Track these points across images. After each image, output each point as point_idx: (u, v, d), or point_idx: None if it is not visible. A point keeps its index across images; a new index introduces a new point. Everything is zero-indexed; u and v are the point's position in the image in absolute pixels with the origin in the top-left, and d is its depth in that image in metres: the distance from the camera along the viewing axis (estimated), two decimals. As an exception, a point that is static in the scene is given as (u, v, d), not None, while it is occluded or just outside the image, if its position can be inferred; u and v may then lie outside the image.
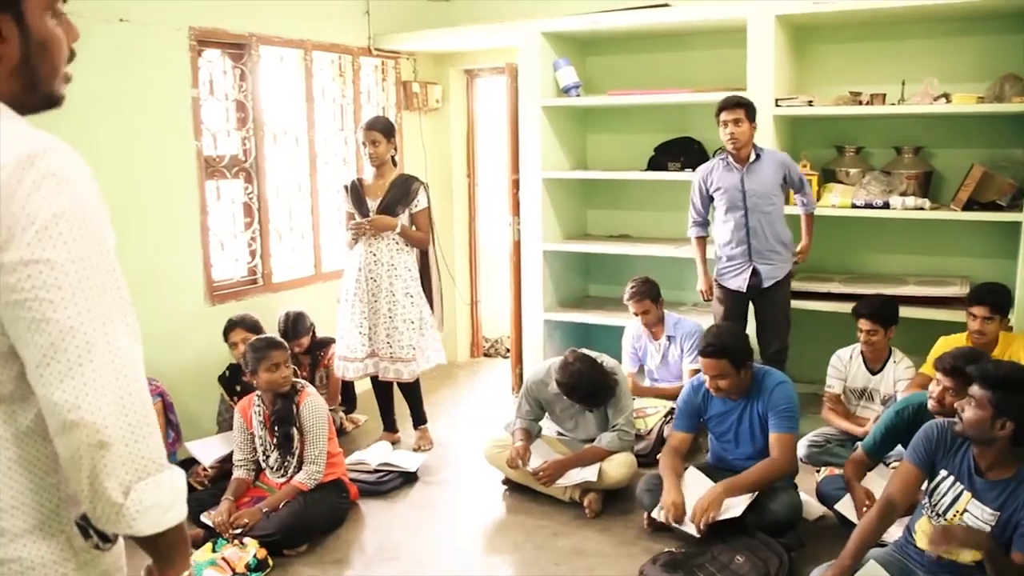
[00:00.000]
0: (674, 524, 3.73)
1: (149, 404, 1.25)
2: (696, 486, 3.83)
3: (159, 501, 1.24)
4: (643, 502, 3.96)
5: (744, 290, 4.69)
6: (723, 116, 4.52)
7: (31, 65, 1.26)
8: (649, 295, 5.03)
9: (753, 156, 4.58)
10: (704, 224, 4.85)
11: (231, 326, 4.66)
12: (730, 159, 4.63)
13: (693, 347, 4.95)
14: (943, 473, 3.07)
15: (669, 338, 5.08)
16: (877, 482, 3.65)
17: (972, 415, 2.87)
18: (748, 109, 4.52)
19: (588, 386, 4.20)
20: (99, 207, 1.22)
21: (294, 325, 4.96)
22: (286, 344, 4.13)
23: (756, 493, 3.70)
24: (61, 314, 1.16)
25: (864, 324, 4.39)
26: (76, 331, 1.16)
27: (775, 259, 4.65)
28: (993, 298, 4.18)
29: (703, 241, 4.89)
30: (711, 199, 4.75)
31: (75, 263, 1.16)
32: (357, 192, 4.87)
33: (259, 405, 4.09)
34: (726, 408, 3.97)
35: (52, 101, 1.32)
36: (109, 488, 1.20)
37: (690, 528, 3.67)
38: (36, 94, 1.29)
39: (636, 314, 5.06)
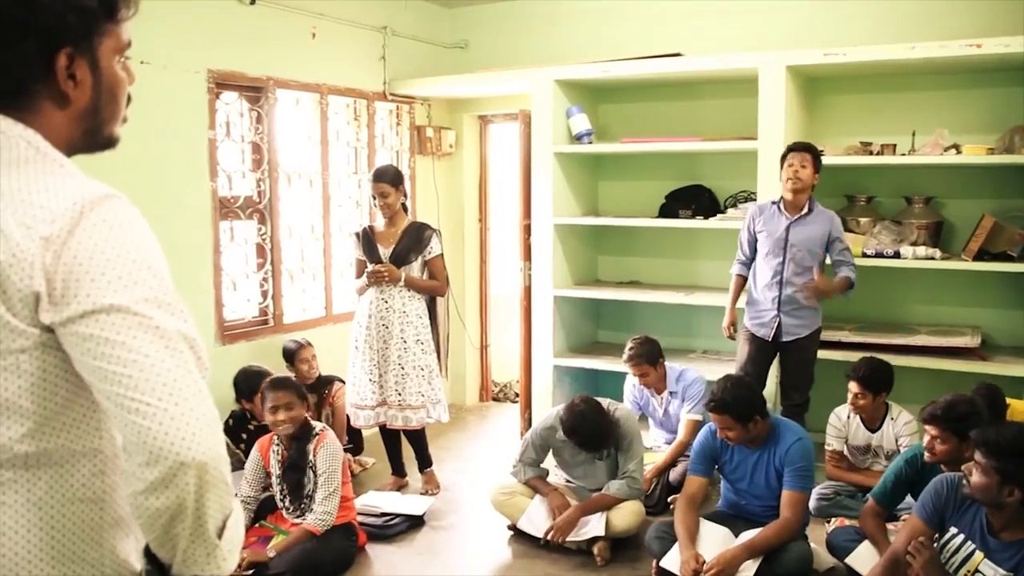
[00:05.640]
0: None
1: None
2: (711, 539, 3.80)
3: (237, 538, 1.21)
4: (652, 549, 3.92)
5: (769, 339, 4.67)
6: (790, 158, 4.52)
7: (98, 110, 1.24)
8: (647, 359, 4.92)
9: (806, 209, 4.56)
10: (746, 264, 4.80)
11: (260, 378, 4.57)
12: (782, 206, 4.62)
13: (693, 397, 4.93)
14: (953, 531, 3.03)
15: (671, 393, 5.02)
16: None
17: (979, 481, 2.85)
18: (815, 156, 4.53)
19: (590, 430, 4.18)
20: (153, 247, 1.18)
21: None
22: (296, 387, 4.11)
23: (763, 555, 3.69)
24: (139, 354, 1.11)
25: (853, 387, 4.36)
26: (160, 368, 1.11)
27: (801, 315, 4.60)
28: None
29: (741, 280, 4.83)
30: (757, 240, 4.73)
31: (141, 303, 1.12)
32: (369, 240, 4.89)
33: (278, 445, 4.10)
34: (742, 456, 3.95)
35: (111, 143, 1.30)
36: (210, 530, 1.15)
37: None
38: (96, 138, 1.27)
39: (635, 375, 5.03)
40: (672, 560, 3.76)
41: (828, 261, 4.67)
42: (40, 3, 1.15)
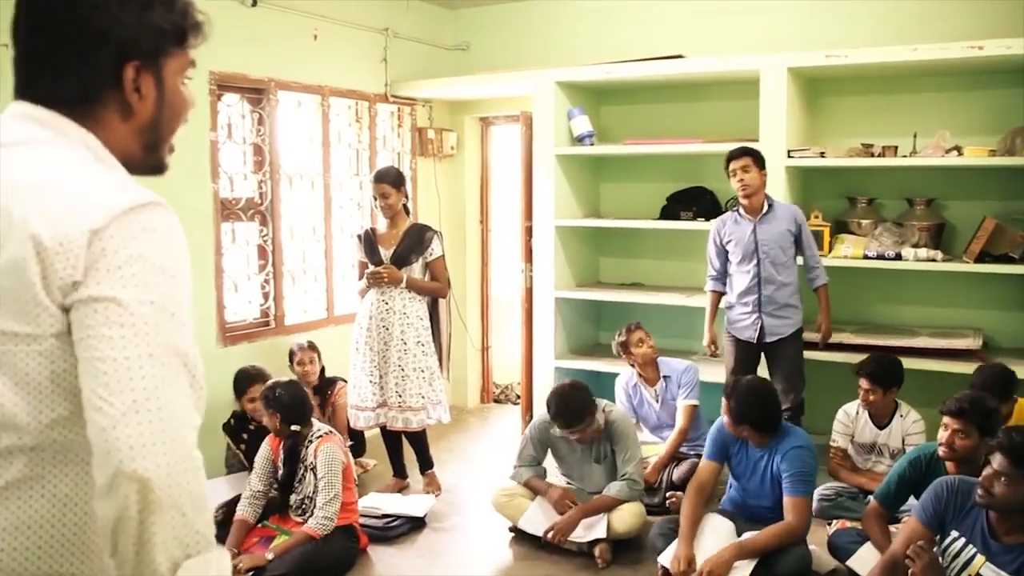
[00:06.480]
0: None
1: (204, 476, 1.16)
2: (713, 533, 3.80)
3: None
4: (656, 546, 3.94)
5: (754, 341, 4.68)
6: (732, 166, 4.59)
7: (158, 125, 1.29)
8: (643, 327, 5.03)
9: (765, 207, 4.62)
10: (718, 279, 4.86)
11: (249, 381, 4.64)
12: (742, 211, 4.68)
13: (688, 383, 4.94)
14: (954, 534, 3.02)
15: (665, 378, 5.03)
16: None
17: (1008, 491, 2.80)
18: (755, 157, 4.58)
19: (567, 401, 4.25)
20: (181, 257, 1.19)
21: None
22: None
23: (759, 557, 3.67)
24: (120, 354, 1.10)
25: (863, 383, 4.38)
26: (134, 373, 1.10)
27: (783, 314, 4.65)
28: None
29: (716, 296, 4.90)
30: (727, 252, 4.77)
31: (143, 305, 1.12)
32: (370, 241, 4.89)
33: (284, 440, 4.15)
34: (748, 452, 3.96)
35: (160, 167, 1.34)
36: (157, 561, 1.09)
37: None
38: (153, 155, 1.32)
39: (635, 349, 4.99)
40: (668, 557, 3.78)
41: (800, 261, 4.72)
42: (119, 16, 1.21)
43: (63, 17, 1.20)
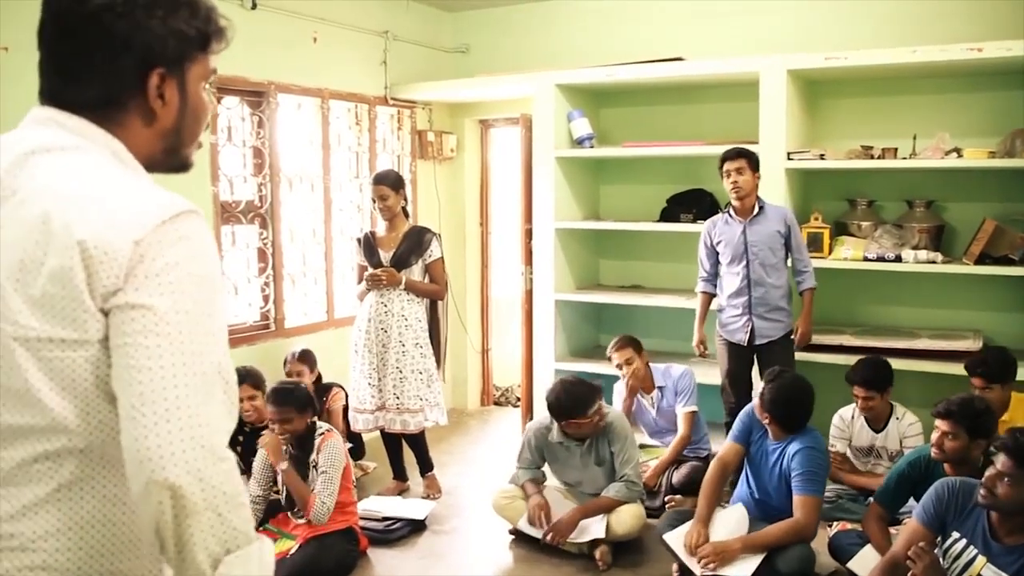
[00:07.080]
0: (682, 558, 3.73)
1: (237, 474, 1.20)
2: (724, 523, 3.82)
3: (248, 575, 1.19)
4: (662, 533, 3.96)
5: (745, 344, 4.69)
6: (726, 167, 4.60)
7: (180, 130, 1.31)
8: (631, 344, 5.00)
9: (756, 209, 4.63)
10: (708, 280, 4.87)
11: (239, 382, 4.61)
12: (732, 213, 4.68)
13: (685, 389, 4.93)
14: (955, 535, 3.01)
15: (661, 388, 5.02)
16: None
17: (1010, 492, 2.79)
18: (750, 159, 4.59)
19: (567, 393, 4.25)
20: (213, 265, 1.21)
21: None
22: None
23: (765, 553, 3.68)
24: (155, 363, 1.11)
25: (859, 391, 4.36)
26: (168, 383, 1.12)
27: (773, 316, 4.65)
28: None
29: (706, 297, 4.91)
30: (717, 253, 4.77)
31: (178, 314, 1.13)
32: (370, 244, 4.90)
33: (287, 444, 4.13)
34: (766, 443, 3.97)
35: (186, 166, 1.36)
36: (199, 559, 1.14)
37: (695, 567, 3.65)
38: (174, 158, 1.33)
39: (620, 365, 4.98)
40: (674, 538, 3.79)
41: (789, 263, 4.72)
42: (144, 23, 1.22)
43: (88, 24, 1.20)
